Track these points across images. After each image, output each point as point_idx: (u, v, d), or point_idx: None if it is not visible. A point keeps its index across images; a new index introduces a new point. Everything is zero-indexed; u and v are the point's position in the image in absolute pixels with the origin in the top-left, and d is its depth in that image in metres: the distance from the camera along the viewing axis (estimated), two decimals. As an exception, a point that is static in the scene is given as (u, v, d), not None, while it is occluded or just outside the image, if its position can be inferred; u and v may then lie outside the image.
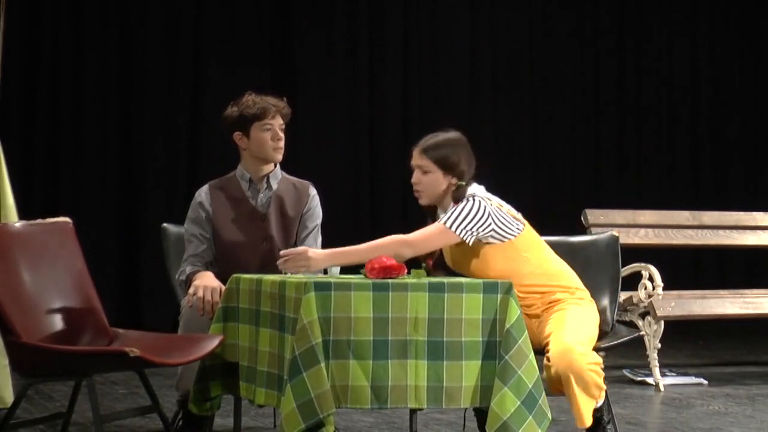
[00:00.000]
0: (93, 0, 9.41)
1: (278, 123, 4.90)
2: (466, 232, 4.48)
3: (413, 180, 4.65)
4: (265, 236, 4.87)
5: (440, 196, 4.63)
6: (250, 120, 4.87)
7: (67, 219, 4.60)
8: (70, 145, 9.27)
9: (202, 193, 4.95)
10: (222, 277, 4.64)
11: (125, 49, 9.48)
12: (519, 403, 4.01)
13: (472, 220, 4.48)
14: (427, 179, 4.61)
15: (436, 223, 4.52)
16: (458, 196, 4.59)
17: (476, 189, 4.62)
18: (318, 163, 9.25)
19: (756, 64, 11.52)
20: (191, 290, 4.60)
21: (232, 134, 4.93)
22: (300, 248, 4.46)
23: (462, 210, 4.50)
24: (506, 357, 4.03)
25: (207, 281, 4.64)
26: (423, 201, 4.67)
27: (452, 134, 4.68)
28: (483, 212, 4.49)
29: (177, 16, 9.66)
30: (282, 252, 4.44)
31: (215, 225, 4.89)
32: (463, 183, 4.60)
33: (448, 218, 4.49)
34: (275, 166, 4.98)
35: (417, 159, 4.64)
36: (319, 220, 4.99)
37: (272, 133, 4.88)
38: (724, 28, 11.49)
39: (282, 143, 4.91)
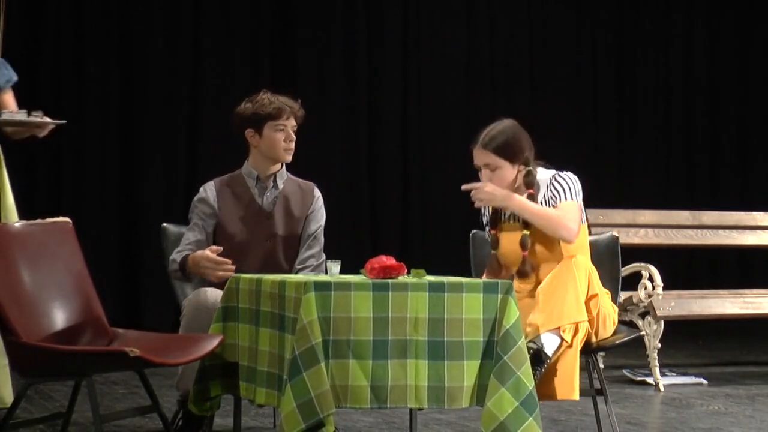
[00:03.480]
0: (93, 0, 9.42)
1: (291, 124, 4.91)
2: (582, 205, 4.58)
3: (484, 180, 4.60)
4: (270, 234, 4.87)
5: (511, 187, 4.61)
6: (264, 119, 4.87)
7: (67, 219, 4.59)
8: (71, 145, 9.26)
9: (207, 190, 4.95)
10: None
11: (125, 49, 9.48)
12: (517, 404, 3.98)
13: (579, 192, 4.58)
14: (497, 175, 4.59)
15: (565, 202, 4.53)
16: (530, 181, 4.61)
17: (542, 172, 4.66)
18: (317, 163, 9.24)
19: (753, 64, 11.53)
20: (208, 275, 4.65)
21: (243, 130, 4.93)
22: (481, 183, 4.53)
23: (570, 183, 4.58)
24: (505, 357, 4.00)
25: (198, 257, 4.68)
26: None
27: (506, 122, 4.68)
28: (579, 186, 4.61)
29: (177, 16, 9.66)
30: (464, 186, 4.55)
31: (221, 221, 4.90)
32: (531, 168, 4.62)
33: (566, 194, 4.55)
34: (282, 165, 4.99)
35: (481, 157, 4.62)
36: (322, 222, 5.00)
37: (285, 134, 4.89)
38: (720, 29, 11.50)
39: (293, 145, 4.93)
